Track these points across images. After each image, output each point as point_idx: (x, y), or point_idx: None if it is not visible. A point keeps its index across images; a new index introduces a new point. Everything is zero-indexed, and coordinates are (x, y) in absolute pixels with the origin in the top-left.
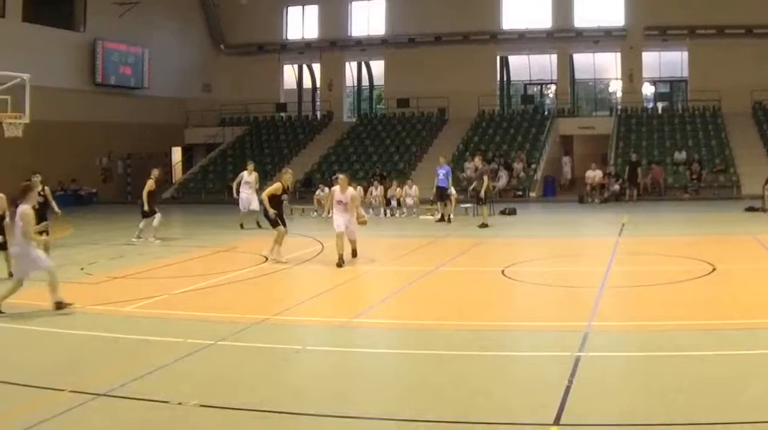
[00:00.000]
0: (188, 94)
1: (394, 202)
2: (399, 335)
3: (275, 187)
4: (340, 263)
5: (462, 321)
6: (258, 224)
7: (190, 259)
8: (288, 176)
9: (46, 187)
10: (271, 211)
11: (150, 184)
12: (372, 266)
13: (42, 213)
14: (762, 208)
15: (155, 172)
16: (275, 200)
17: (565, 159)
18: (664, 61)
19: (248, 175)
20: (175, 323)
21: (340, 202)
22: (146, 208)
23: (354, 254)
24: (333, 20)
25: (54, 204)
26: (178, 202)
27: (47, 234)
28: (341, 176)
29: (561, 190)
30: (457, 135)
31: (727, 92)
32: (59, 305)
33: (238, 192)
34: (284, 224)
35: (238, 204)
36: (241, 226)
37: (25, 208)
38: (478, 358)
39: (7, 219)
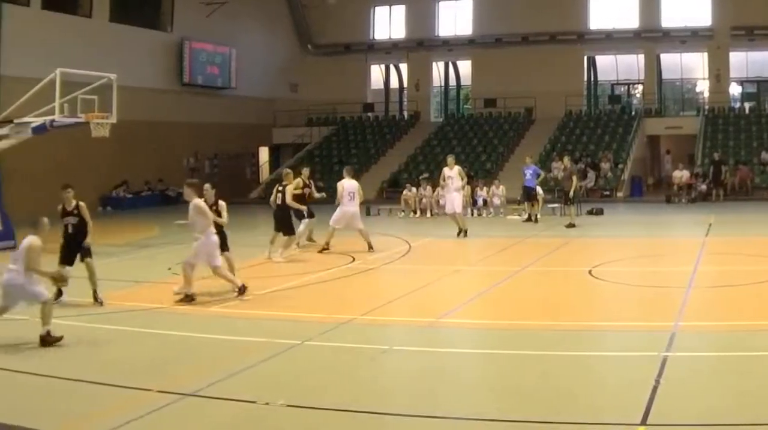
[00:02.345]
0: (275, 94)
1: (480, 203)
2: (485, 335)
3: (297, 183)
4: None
5: (549, 321)
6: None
7: (277, 259)
8: (306, 173)
9: (80, 203)
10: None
11: (297, 183)
12: (459, 267)
13: (74, 238)
14: None
15: (306, 172)
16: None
17: (667, 157)
18: (751, 61)
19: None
20: (261, 323)
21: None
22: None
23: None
24: (420, 20)
25: (90, 224)
26: (265, 202)
27: (62, 282)
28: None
29: (648, 190)
30: (544, 135)
31: None
32: (45, 339)
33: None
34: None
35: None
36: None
37: (32, 240)
38: (564, 358)
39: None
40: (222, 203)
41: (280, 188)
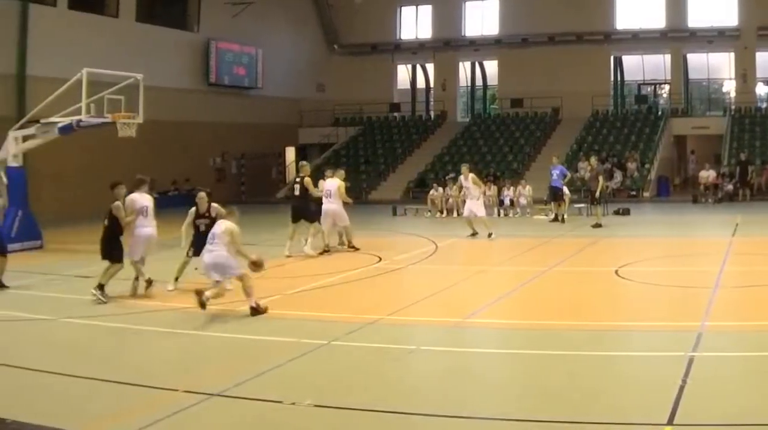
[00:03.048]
0: (302, 94)
1: (507, 203)
2: (512, 335)
3: (309, 181)
4: None
5: (575, 321)
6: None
7: (304, 259)
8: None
9: (213, 205)
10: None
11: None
12: (485, 266)
13: (205, 236)
14: None
15: (341, 173)
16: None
17: (692, 157)
18: None
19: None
20: (288, 322)
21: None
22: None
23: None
24: (446, 20)
25: None
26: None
27: (260, 267)
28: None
29: (675, 190)
30: (571, 135)
31: None
32: (256, 310)
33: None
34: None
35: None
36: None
37: (232, 225)
38: (591, 358)
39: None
40: (215, 207)
41: (298, 180)
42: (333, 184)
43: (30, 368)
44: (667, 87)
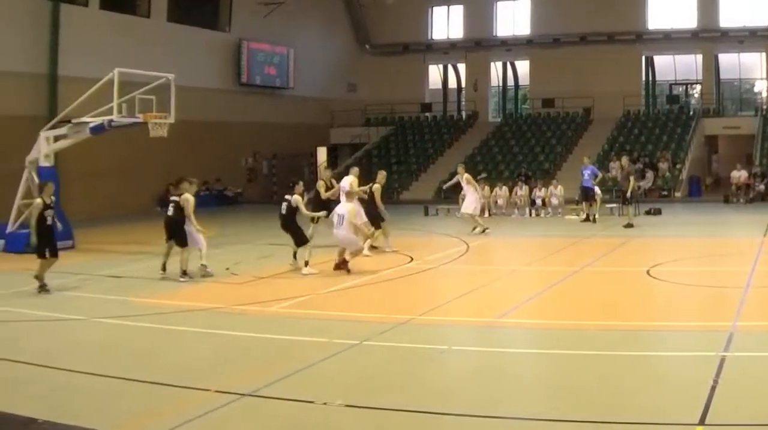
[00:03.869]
0: (333, 94)
1: (539, 203)
2: (544, 335)
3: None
4: None
5: (606, 321)
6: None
7: (335, 259)
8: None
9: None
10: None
11: (378, 188)
12: (517, 267)
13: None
14: None
15: (383, 175)
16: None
17: (715, 157)
18: None
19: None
20: (320, 323)
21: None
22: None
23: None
24: (478, 20)
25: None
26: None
27: (371, 237)
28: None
29: (706, 190)
30: (602, 135)
31: None
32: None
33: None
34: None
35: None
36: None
37: (352, 208)
38: (623, 358)
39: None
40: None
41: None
42: (345, 183)
43: (62, 368)
44: (698, 87)
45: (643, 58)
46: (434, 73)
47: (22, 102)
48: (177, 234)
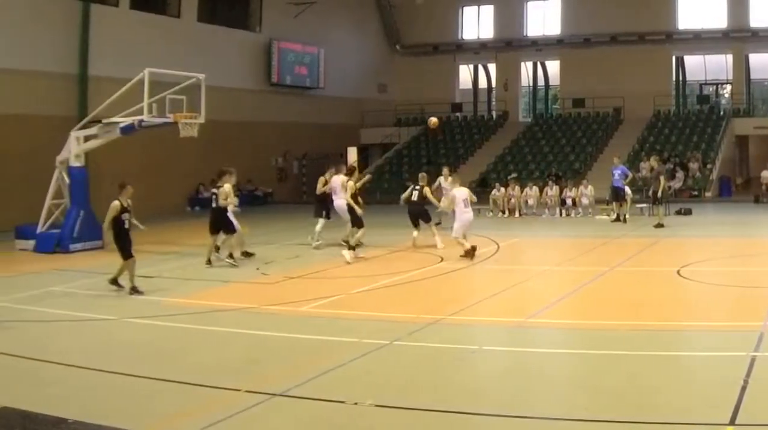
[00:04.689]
0: (364, 95)
1: (569, 203)
2: (574, 335)
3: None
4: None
5: (637, 321)
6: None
7: (366, 259)
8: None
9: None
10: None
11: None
12: (547, 267)
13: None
14: None
15: (428, 179)
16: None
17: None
18: None
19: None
20: (350, 323)
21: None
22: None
23: None
24: (508, 20)
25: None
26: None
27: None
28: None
29: (736, 190)
30: (633, 135)
31: None
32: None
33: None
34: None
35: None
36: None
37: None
38: (653, 358)
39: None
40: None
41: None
42: (337, 180)
43: (92, 368)
44: (728, 87)
45: (674, 58)
46: (465, 73)
47: (52, 102)
48: (224, 224)
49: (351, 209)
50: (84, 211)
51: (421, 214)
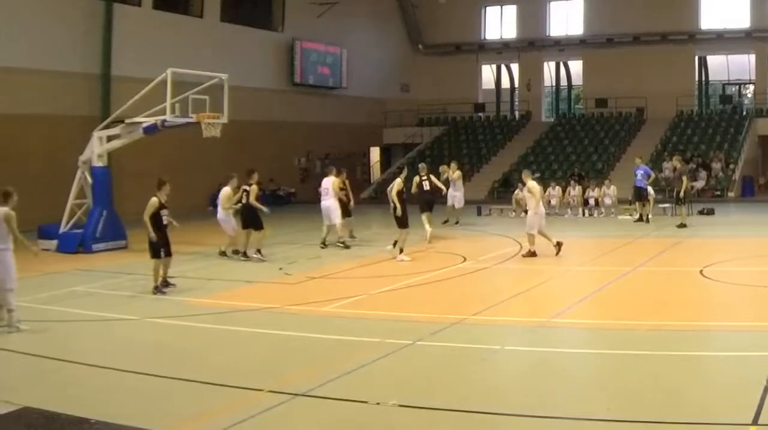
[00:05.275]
0: (386, 94)
1: (592, 203)
2: (596, 335)
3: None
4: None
5: (659, 321)
6: (457, 221)
7: (388, 259)
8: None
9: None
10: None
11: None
12: (570, 267)
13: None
14: None
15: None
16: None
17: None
18: None
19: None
20: (373, 323)
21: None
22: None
23: None
24: (531, 20)
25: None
26: (377, 202)
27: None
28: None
29: (759, 190)
30: (656, 135)
31: None
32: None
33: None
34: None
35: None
36: (445, 221)
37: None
38: (675, 358)
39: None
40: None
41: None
42: (327, 182)
43: (114, 368)
44: (751, 87)
45: (696, 58)
46: (487, 73)
47: (75, 102)
48: (253, 219)
49: (395, 209)
50: (107, 211)
51: (433, 202)
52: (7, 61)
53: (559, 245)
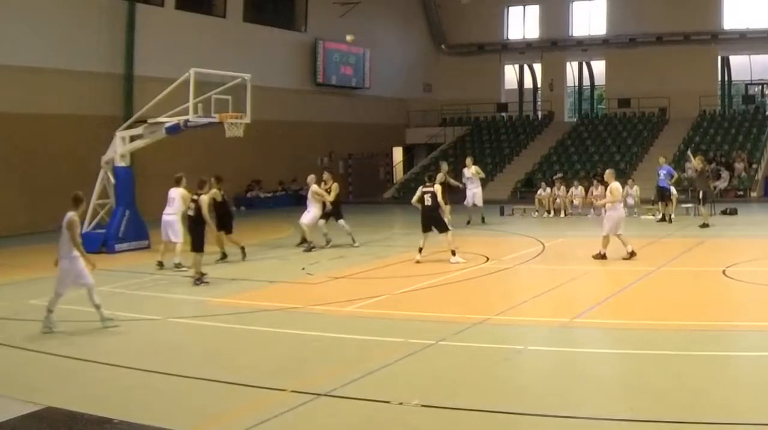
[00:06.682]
0: (409, 94)
1: None
2: (619, 335)
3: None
4: None
5: (683, 321)
6: (483, 219)
7: (411, 259)
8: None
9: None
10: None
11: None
12: (592, 267)
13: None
14: None
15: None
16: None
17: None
18: None
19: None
20: (395, 323)
21: None
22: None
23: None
24: (554, 20)
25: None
26: (399, 202)
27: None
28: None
29: None
30: (678, 135)
31: None
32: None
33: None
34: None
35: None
36: (468, 222)
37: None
38: (698, 358)
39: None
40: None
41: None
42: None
43: (137, 368)
44: None
45: (719, 57)
46: (510, 73)
47: (98, 102)
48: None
49: (431, 210)
50: (129, 212)
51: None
52: (32, 62)
53: (631, 254)
